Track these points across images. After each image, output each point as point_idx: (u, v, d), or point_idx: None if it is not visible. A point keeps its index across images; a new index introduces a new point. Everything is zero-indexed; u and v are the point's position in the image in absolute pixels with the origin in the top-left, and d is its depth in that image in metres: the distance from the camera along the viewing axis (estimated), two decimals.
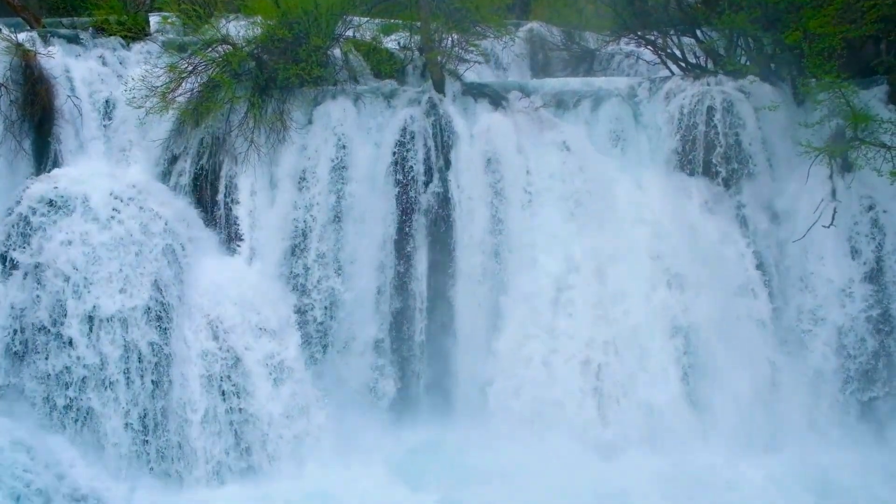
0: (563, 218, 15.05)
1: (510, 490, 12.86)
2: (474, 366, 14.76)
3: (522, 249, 14.93)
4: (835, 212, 14.06)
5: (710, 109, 15.18)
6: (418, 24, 16.31)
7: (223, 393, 13.60)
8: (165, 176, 14.88)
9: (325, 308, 14.88)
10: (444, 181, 15.05)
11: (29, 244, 13.31)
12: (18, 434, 12.42)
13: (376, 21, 17.77)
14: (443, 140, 15.16)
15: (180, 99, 14.73)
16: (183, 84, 14.80)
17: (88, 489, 12.42)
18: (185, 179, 14.85)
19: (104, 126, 15.01)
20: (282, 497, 12.97)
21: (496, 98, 15.70)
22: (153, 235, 13.86)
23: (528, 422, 14.24)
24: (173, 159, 14.96)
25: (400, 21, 17.70)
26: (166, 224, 14.04)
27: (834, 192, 14.25)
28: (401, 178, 14.93)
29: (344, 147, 15.01)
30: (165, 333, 13.38)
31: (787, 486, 13.20)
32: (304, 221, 14.88)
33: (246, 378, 13.77)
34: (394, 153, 14.93)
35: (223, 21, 16.32)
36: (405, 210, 14.92)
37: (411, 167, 14.96)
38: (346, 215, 14.93)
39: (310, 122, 15.23)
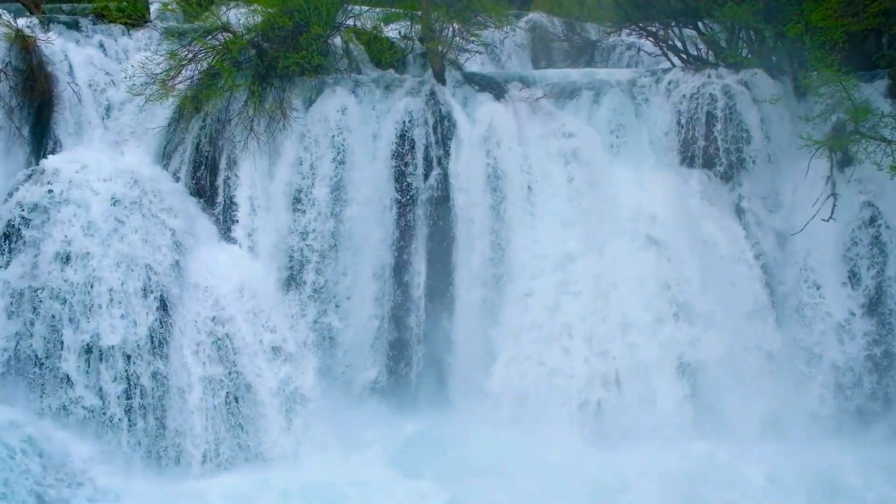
0: (563, 223, 14.87)
1: (508, 483, 12.74)
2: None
3: (523, 272, 14.75)
4: (834, 206, 14.00)
5: (711, 102, 15.16)
6: (419, 13, 16.26)
7: (231, 426, 13.05)
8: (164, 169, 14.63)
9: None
10: (445, 183, 14.90)
11: (21, 262, 12.60)
12: (28, 431, 12.02)
13: (377, 10, 17.72)
14: (444, 136, 15.05)
15: (180, 86, 14.68)
16: (183, 72, 14.74)
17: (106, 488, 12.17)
18: (184, 173, 14.59)
19: (103, 113, 14.91)
20: (280, 486, 12.75)
21: (497, 89, 15.63)
22: (159, 248, 13.14)
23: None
24: (172, 151, 14.73)
25: (401, 10, 17.64)
26: (173, 234, 13.45)
27: (834, 187, 14.17)
28: (398, 195, 14.81)
29: (343, 163, 14.69)
30: (168, 359, 12.72)
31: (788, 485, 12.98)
32: (301, 250, 14.53)
33: (256, 408, 13.15)
34: (393, 166, 14.82)
35: (223, 8, 16.27)
36: (403, 234, 14.81)
37: (409, 184, 14.82)
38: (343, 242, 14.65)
39: (306, 130, 14.84)
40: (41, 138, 14.39)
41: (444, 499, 12.61)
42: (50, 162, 13.48)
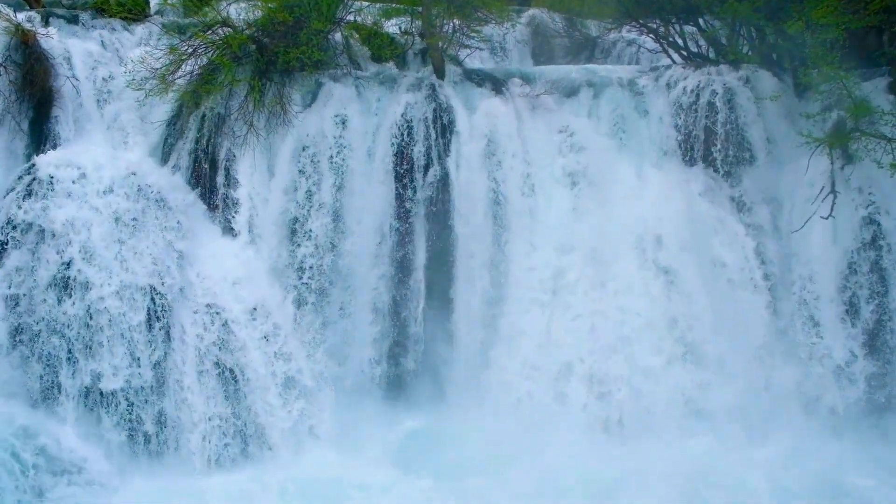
0: (564, 234, 14.80)
1: (505, 480, 12.72)
2: None
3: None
4: (833, 203, 13.93)
5: (711, 99, 15.12)
6: (420, 8, 16.24)
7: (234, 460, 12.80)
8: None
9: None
10: (446, 186, 14.82)
11: (14, 287, 12.07)
12: (41, 441, 11.77)
13: (377, 5, 17.69)
14: (444, 139, 14.98)
15: (180, 81, 14.65)
16: (183, 66, 14.72)
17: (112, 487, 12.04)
18: (184, 166, 14.48)
19: (102, 108, 14.89)
20: (278, 484, 12.66)
21: (497, 85, 15.58)
22: (168, 272, 12.58)
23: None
24: (170, 151, 14.61)
25: (401, 6, 17.63)
26: (180, 256, 13.03)
27: (834, 185, 14.11)
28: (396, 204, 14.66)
29: (342, 171, 14.59)
30: (171, 395, 12.30)
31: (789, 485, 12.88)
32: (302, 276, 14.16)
33: (266, 449, 12.82)
34: (393, 163, 14.75)
35: (223, 3, 16.25)
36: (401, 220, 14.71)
37: (409, 194, 14.71)
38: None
39: (303, 148, 14.64)
40: (41, 133, 14.37)
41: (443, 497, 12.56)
42: (45, 166, 13.06)
